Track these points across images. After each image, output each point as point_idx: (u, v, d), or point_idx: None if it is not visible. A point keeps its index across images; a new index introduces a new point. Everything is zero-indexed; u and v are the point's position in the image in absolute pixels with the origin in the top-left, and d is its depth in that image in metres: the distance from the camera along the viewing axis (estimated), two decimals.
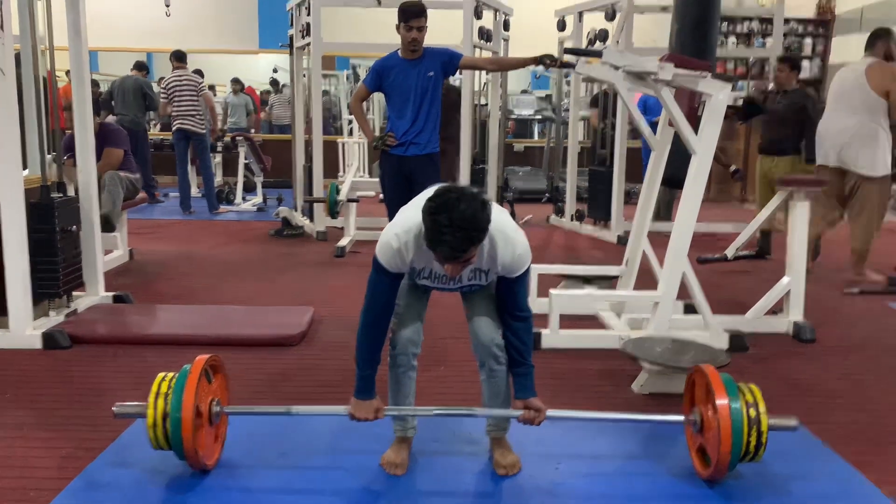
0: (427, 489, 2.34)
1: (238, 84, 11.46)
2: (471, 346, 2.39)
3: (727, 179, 7.67)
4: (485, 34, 6.81)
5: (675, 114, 3.50)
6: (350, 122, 10.43)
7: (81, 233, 4.10)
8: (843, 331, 4.12)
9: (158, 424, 2.23)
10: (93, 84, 5.37)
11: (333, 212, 6.44)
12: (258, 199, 8.96)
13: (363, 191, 7.29)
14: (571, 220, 7.53)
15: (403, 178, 4.32)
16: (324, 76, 7.66)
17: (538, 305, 3.60)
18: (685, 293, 3.62)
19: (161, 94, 8.10)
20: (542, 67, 4.13)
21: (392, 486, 2.33)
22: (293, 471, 2.43)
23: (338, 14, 8.29)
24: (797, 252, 3.89)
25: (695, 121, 3.56)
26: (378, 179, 4.68)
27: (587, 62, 3.72)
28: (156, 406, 2.23)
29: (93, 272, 4.25)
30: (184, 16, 10.60)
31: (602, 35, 6.83)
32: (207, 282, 5.09)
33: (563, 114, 8.74)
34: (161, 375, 2.33)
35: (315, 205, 6.80)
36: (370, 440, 2.53)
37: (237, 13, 11.12)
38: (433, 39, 4.37)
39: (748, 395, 2.26)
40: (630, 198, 7.38)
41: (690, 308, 3.82)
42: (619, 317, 3.95)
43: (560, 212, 7.80)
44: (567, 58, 3.87)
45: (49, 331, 3.61)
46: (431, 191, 2.11)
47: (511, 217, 2.35)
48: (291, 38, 7.21)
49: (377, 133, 4.96)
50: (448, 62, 4.30)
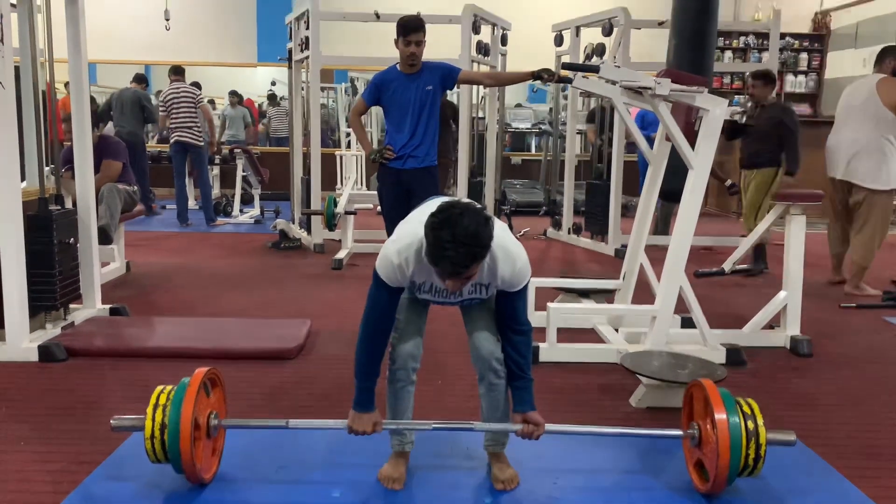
0: None
1: (236, 96, 11.48)
2: (470, 360, 2.39)
3: (724, 193, 7.70)
4: (483, 49, 6.85)
5: (672, 128, 3.51)
6: (348, 135, 10.46)
7: (79, 245, 4.10)
8: (841, 345, 4.12)
9: (156, 436, 2.22)
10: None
11: (331, 224, 6.45)
12: (256, 212, 8.96)
13: (361, 203, 7.30)
14: (569, 234, 7.54)
15: (402, 191, 4.33)
16: (322, 89, 7.67)
17: (536, 319, 3.58)
18: (683, 307, 3.62)
19: (159, 107, 8.12)
20: (540, 82, 4.15)
21: (389, 501, 2.32)
22: (290, 485, 2.42)
23: (336, 28, 8.33)
24: (794, 267, 3.90)
25: (692, 136, 3.58)
26: (376, 192, 4.70)
27: (584, 77, 3.74)
28: (154, 418, 2.23)
29: (90, 284, 4.24)
30: (183, 29, 10.63)
31: (599, 50, 6.87)
32: (204, 294, 5.08)
33: (561, 127, 8.77)
34: (160, 388, 2.32)
35: (313, 217, 6.79)
36: (367, 455, 2.52)
37: (236, 26, 11.16)
38: (431, 54, 4.40)
39: (746, 409, 2.26)
40: (627, 211, 7.40)
41: (688, 322, 3.83)
42: (617, 331, 3.96)
43: (557, 225, 7.81)
44: (564, 72, 3.89)
45: (45, 343, 3.59)
46: (432, 204, 2.11)
47: (510, 230, 2.35)
48: (290, 52, 7.25)
49: (375, 146, 4.98)
50: (447, 76, 4.32)
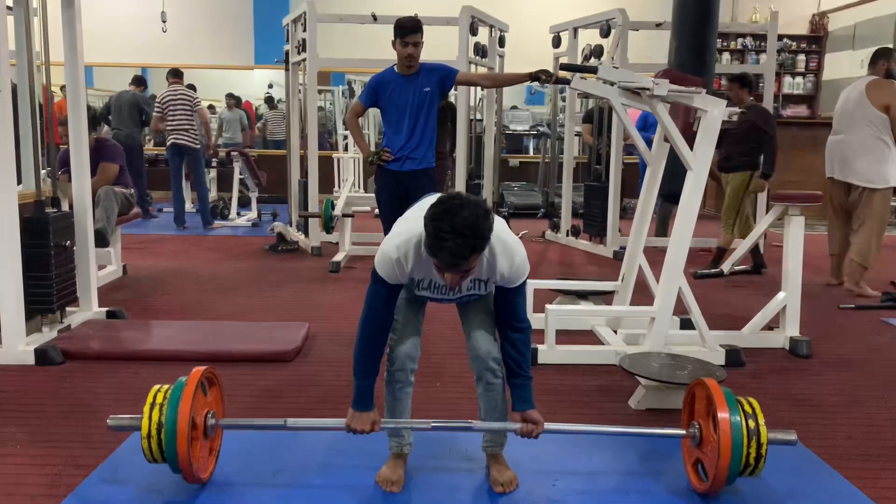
0: None
1: (233, 99, 11.46)
2: (467, 360, 2.38)
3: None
4: (480, 50, 6.85)
5: (671, 129, 3.51)
6: (345, 138, 10.44)
7: (75, 248, 4.08)
8: (840, 346, 4.11)
9: (153, 435, 2.20)
10: None
11: (328, 227, 6.43)
12: (253, 215, 8.93)
13: (358, 206, 7.28)
14: (567, 236, 7.53)
15: (399, 194, 4.31)
16: (319, 92, 7.66)
17: (534, 321, 3.56)
18: (681, 308, 3.62)
19: (155, 109, 8.10)
20: (538, 83, 4.15)
21: None
22: (288, 488, 2.40)
23: (333, 30, 8.31)
24: (793, 267, 3.90)
25: (690, 137, 3.57)
26: (373, 195, 4.68)
27: (582, 77, 3.74)
28: (151, 417, 2.21)
29: (86, 287, 4.23)
30: (180, 31, 10.63)
31: (597, 51, 6.86)
32: (201, 297, 5.06)
33: (559, 129, 8.77)
34: (156, 387, 2.31)
35: (310, 220, 6.78)
36: (365, 457, 2.50)
37: (233, 29, 11.16)
38: (429, 55, 4.39)
39: (747, 408, 2.26)
40: (626, 213, 7.40)
41: (687, 323, 3.83)
42: (616, 332, 3.95)
43: (556, 227, 7.80)
44: (562, 73, 3.89)
45: (42, 346, 3.58)
46: (429, 200, 2.10)
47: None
48: (287, 54, 7.23)
49: (373, 148, 4.97)
50: (445, 78, 4.31)
